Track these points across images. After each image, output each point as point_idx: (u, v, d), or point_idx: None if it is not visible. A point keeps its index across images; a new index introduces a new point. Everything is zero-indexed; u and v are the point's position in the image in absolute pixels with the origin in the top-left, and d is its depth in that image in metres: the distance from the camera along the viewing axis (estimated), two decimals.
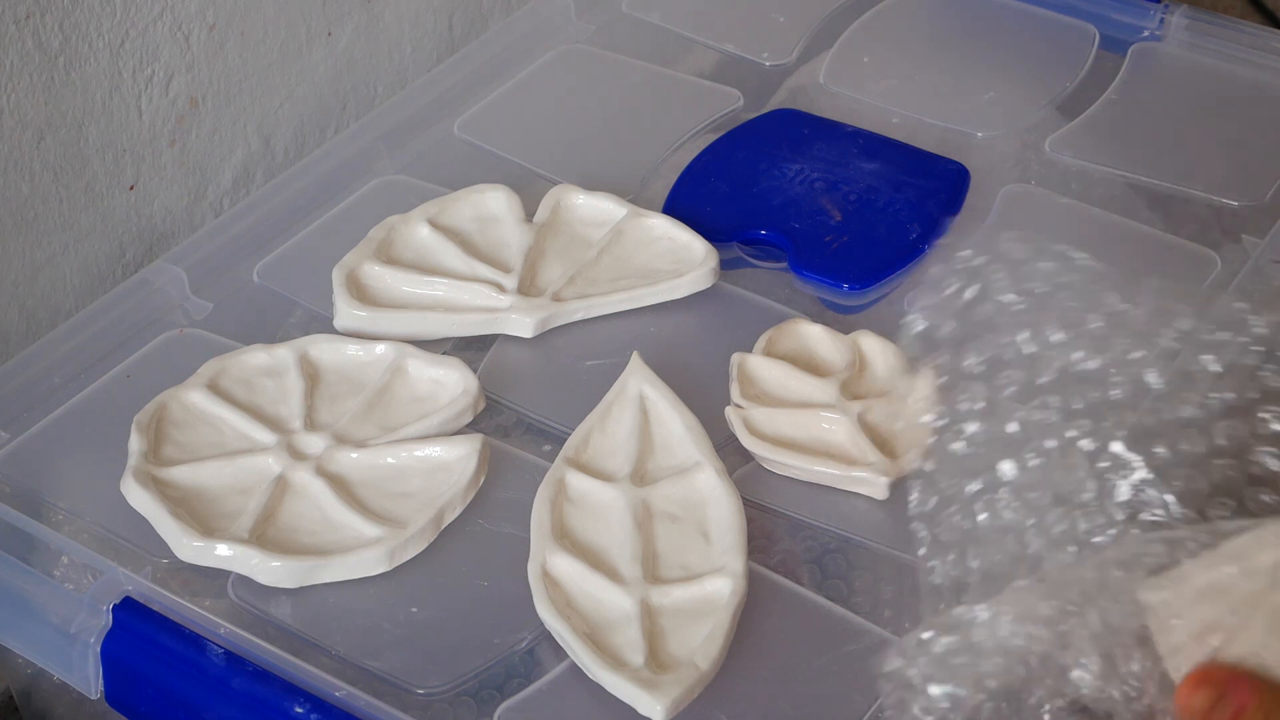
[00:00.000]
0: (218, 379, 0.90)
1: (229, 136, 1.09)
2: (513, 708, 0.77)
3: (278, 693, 0.77)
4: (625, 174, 1.06)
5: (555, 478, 0.85)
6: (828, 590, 0.83)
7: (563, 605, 0.79)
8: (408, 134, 1.09)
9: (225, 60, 1.07)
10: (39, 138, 0.96)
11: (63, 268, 1.01)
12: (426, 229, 0.99)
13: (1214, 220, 1.04)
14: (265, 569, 0.81)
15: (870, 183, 1.04)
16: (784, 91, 1.14)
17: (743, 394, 0.90)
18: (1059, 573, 0.67)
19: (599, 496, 0.84)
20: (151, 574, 0.82)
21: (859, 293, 0.98)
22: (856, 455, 0.87)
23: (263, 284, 0.99)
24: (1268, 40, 1.14)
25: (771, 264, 1.00)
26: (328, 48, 1.14)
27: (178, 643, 0.79)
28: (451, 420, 0.88)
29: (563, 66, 1.15)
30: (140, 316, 0.96)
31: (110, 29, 0.98)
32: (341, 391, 0.90)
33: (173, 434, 0.88)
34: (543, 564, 0.81)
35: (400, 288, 0.96)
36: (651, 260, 0.98)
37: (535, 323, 0.94)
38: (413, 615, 0.81)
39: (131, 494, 0.84)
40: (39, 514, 0.86)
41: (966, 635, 0.66)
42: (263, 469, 0.86)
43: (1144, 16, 1.17)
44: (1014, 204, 1.04)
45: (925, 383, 0.90)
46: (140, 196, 1.04)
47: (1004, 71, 1.15)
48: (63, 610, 0.81)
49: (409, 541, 0.83)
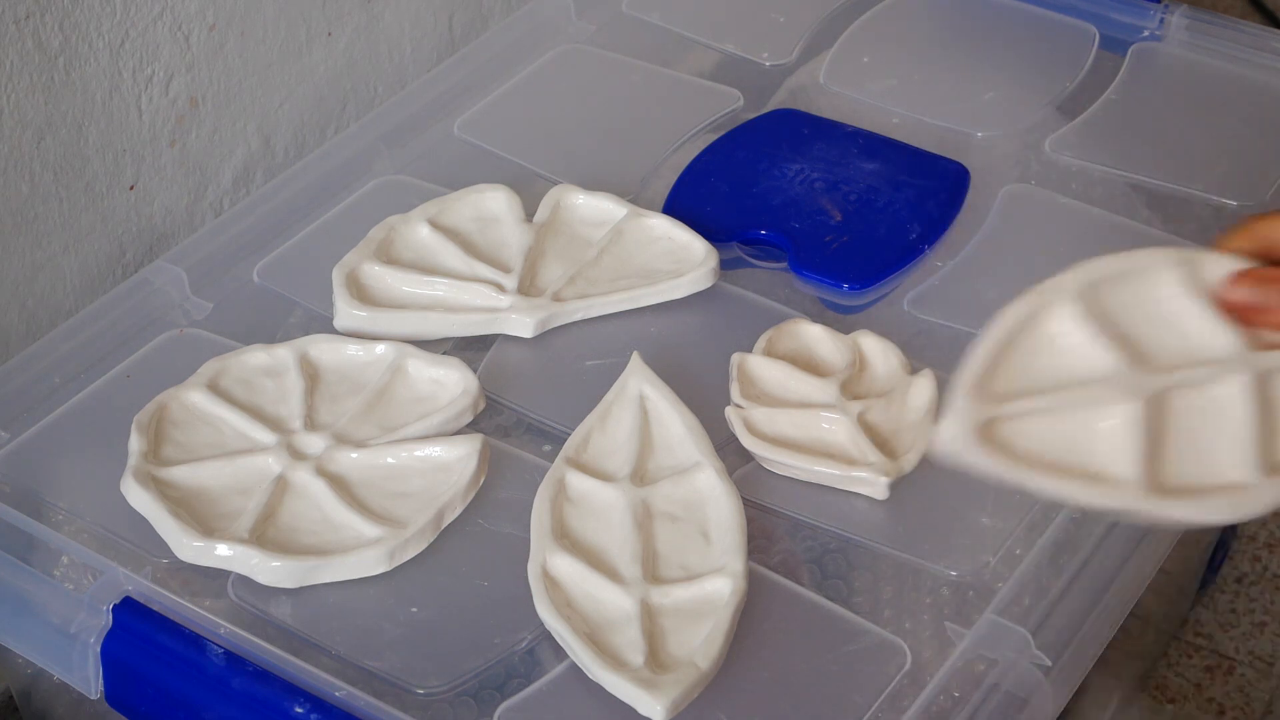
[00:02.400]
0: (218, 379, 0.90)
1: (229, 136, 1.09)
2: (513, 708, 0.77)
3: (278, 693, 0.77)
4: (625, 174, 1.06)
5: (555, 478, 0.85)
6: (828, 590, 0.83)
7: (563, 605, 0.79)
8: (408, 134, 1.09)
9: (225, 60, 1.07)
10: (39, 138, 0.96)
11: (63, 268, 1.01)
12: (426, 229, 0.99)
13: (1214, 220, 1.04)
14: (265, 569, 0.81)
15: (870, 183, 1.04)
16: (784, 91, 1.14)
17: (743, 394, 0.90)
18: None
19: (599, 496, 0.84)
20: (151, 574, 0.82)
21: (859, 293, 0.98)
22: (856, 455, 0.87)
23: (263, 284, 0.99)
24: (1268, 40, 1.14)
25: (771, 264, 1.00)
26: (328, 48, 1.14)
27: (178, 643, 0.79)
28: (451, 420, 0.88)
29: (563, 66, 1.15)
30: (140, 316, 0.96)
31: (110, 29, 0.98)
32: (341, 391, 0.90)
33: (173, 434, 0.88)
34: (543, 564, 0.81)
35: (400, 288, 0.96)
36: (651, 260, 0.98)
37: (535, 323, 0.94)
38: (413, 615, 0.81)
39: (131, 494, 0.84)
40: (39, 514, 0.86)
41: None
42: (263, 469, 0.86)
43: (1144, 16, 1.17)
44: (1014, 204, 1.04)
45: (925, 383, 0.90)
46: (140, 196, 1.04)
47: (1004, 71, 1.15)
48: (63, 610, 0.81)
49: (409, 541, 0.83)
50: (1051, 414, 0.68)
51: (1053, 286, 0.70)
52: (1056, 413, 0.68)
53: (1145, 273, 0.70)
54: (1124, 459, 0.67)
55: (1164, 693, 1.22)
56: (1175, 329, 0.69)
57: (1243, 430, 0.67)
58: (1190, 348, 0.69)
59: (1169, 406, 0.68)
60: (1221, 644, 1.25)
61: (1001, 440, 0.67)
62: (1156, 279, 0.70)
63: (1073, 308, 0.69)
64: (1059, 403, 0.68)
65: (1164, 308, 0.70)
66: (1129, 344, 0.69)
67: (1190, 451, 0.68)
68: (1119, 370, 0.68)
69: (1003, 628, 0.79)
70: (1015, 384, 0.68)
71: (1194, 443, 0.68)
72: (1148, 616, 1.16)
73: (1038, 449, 0.67)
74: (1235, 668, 1.24)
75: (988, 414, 0.67)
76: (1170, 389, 0.68)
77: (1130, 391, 0.67)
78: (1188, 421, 0.68)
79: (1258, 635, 1.26)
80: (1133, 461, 0.67)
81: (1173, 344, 0.69)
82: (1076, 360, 0.69)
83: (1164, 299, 0.70)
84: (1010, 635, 0.79)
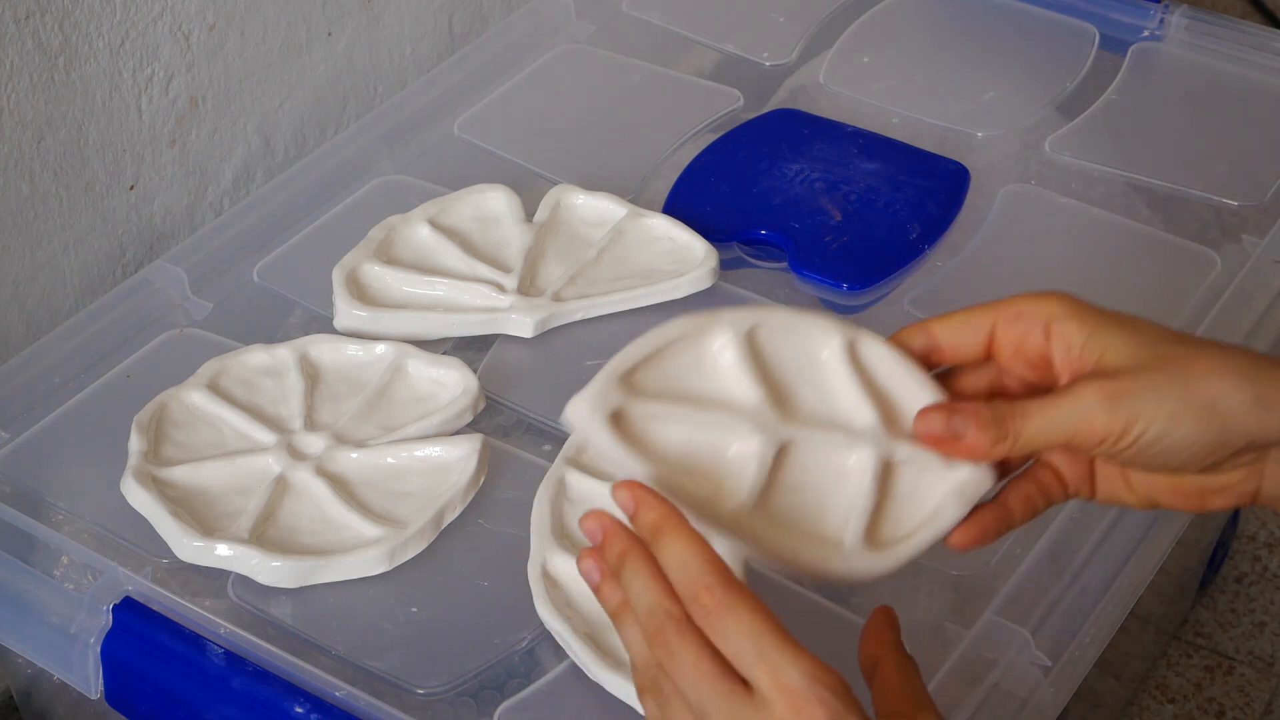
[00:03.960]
0: (218, 379, 0.90)
1: (229, 136, 1.09)
2: (513, 708, 0.77)
3: (278, 693, 0.77)
4: (625, 174, 1.06)
5: (555, 478, 0.85)
6: (827, 590, 0.83)
7: (563, 605, 0.79)
8: (408, 134, 1.09)
9: (225, 60, 1.07)
10: (39, 138, 0.96)
11: (63, 268, 1.01)
12: (426, 229, 0.99)
13: (1214, 220, 1.04)
14: (265, 569, 0.81)
15: (870, 183, 1.04)
16: (784, 91, 1.14)
17: None
18: None
19: (599, 496, 0.84)
20: (151, 574, 0.82)
21: (859, 293, 0.98)
22: None
23: (263, 284, 0.99)
24: (1268, 40, 1.14)
25: (771, 264, 1.00)
26: (328, 48, 1.14)
27: (178, 643, 0.79)
28: (451, 420, 0.88)
29: (563, 66, 1.15)
30: (140, 316, 0.96)
31: (110, 29, 0.98)
32: (341, 391, 0.90)
33: (173, 434, 0.88)
34: (543, 564, 0.81)
35: (400, 288, 0.96)
36: (651, 260, 0.98)
37: (535, 323, 0.94)
38: (413, 615, 0.81)
39: (131, 494, 0.84)
40: (39, 514, 0.86)
41: None
42: (263, 469, 0.86)
43: (1144, 16, 1.17)
44: (1014, 204, 1.04)
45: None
46: (140, 196, 1.04)
47: (1004, 71, 1.15)
48: (63, 610, 0.81)
49: (409, 541, 0.83)
50: (687, 424, 0.70)
51: (729, 315, 0.72)
52: (692, 424, 0.70)
53: (812, 332, 0.72)
54: (740, 488, 0.69)
55: (1164, 693, 1.22)
56: (823, 391, 0.71)
57: (857, 500, 0.69)
58: (831, 411, 0.71)
59: (795, 455, 0.70)
60: (1221, 644, 1.25)
61: (634, 432, 0.69)
62: (821, 341, 0.72)
63: (738, 336, 0.71)
64: (696, 418, 0.70)
65: (819, 370, 0.72)
66: (777, 387, 0.71)
67: (803, 500, 0.69)
68: (760, 408, 0.70)
69: (1003, 628, 0.79)
70: (663, 386, 0.71)
71: (809, 494, 0.70)
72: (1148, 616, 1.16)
73: (664, 451, 0.69)
74: (1235, 668, 1.24)
75: (626, 403, 0.69)
76: (800, 441, 0.70)
77: (764, 429, 0.70)
78: (808, 475, 0.70)
79: (1258, 635, 1.26)
80: (747, 492, 0.69)
81: (816, 403, 0.71)
82: (725, 385, 0.71)
83: (821, 362, 0.72)
84: (1010, 635, 0.79)
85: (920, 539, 0.69)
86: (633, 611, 0.65)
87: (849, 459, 0.70)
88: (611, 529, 0.66)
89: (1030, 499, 0.71)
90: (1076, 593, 0.81)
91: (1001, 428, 0.67)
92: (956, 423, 0.68)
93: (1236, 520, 1.28)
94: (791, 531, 0.68)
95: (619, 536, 0.66)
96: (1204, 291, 0.97)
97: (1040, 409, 0.66)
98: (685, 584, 0.64)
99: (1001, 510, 0.70)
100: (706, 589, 0.63)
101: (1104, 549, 0.83)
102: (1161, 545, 0.85)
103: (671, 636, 0.63)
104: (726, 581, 0.63)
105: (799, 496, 0.69)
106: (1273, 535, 1.32)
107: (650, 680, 0.65)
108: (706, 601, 0.63)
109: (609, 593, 0.66)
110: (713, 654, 0.63)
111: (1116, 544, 0.83)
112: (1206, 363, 0.66)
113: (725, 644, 0.63)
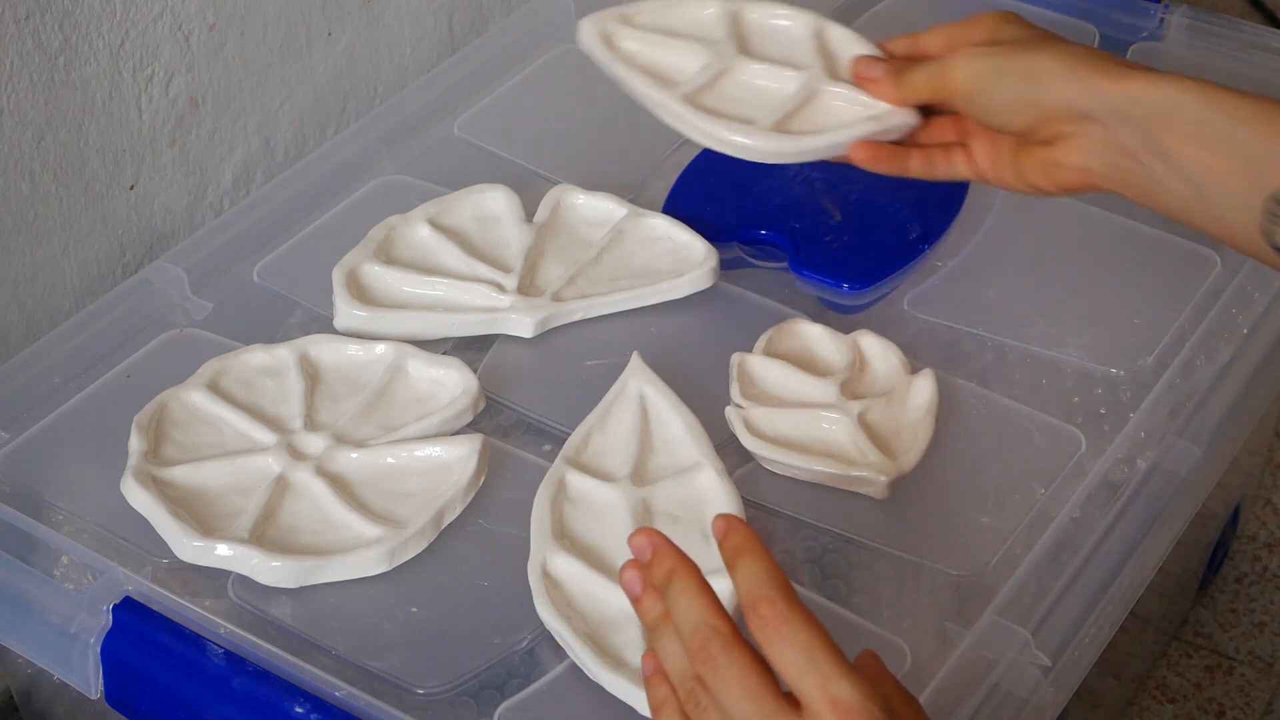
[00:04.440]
0: (218, 379, 0.90)
1: (229, 136, 1.09)
2: (513, 708, 0.77)
3: (278, 693, 0.77)
4: (625, 174, 1.06)
5: (555, 478, 0.85)
6: (828, 590, 0.83)
7: (563, 605, 0.79)
8: (408, 134, 1.09)
9: (225, 60, 1.07)
10: (39, 138, 0.96)
11: (63, 268, 1.01)
12: (426, 229, 0.99)
13: None
14: (265, 569, 0.81)
15: (870, 183, 1.04)
16: None
17: (743, 394, 0.90)
18: None
19: (599, 496, 0.84)
20: (151, 574, 0.82)
21: (859, 293, 0.98)
22: (856, 455, 0.87)
23: (263, 284, 0.99)
24: (1268, 40, 1.14)
25: (771, 264, 1.00)
26: (328, 48, 1.14)
27: (178, 643, 0.79)
28: (451, 420, 0.88)
29: (563, 66, 1.15)
30: (140, 316, 0.96)
31: (110, 29, 0.98)
32: (341, 391, 0.90)
33: (173, 434, 0.88)
34: (543, 564, 0.81)
35: (400, 288, 0.96)
36: (651, 260, 0.98)
37: (535, 323, 0.94)
38: (413, 615, 0.81)
39: (131, 494, 0.84)
40: (39, 514, 0.86)
41: None
42: (263, 469, 0.86)
43: (1144, 16, 1.16)
44: (1014, 204, 1.04)
45: (926, 383, 0.90)
46: (140, 196, 1.04)
47: None
48: (63, 610, 0.81)
49: (409, 541, 0.83)
50: (663, 48, 0.95)
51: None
52: (664, 49, 0.95)
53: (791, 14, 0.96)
54: (691, 81, 0.91)
55: (1164, 693, 1.22)
56: (779, 43, 0.94)
57: (785, 104, 0.90)
58: (785, 58, 0.93)
59: (746, 67, 0.93)
60: (1221, 644, 1.25)
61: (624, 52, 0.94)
62: (794, 18, 0.95)
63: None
64: (670, 43, 0.95)
65: (783, 33, 0.95)
66: (743, 40, 0.94)
67: (741, 96, 0.91)
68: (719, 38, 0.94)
69: (1003, 628, 0.79)
70: (655, 20, 0.95)
71: (748, 93, 0.91)
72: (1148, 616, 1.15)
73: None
74: (1235, 668, 1.24)
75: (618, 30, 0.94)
76: (745, 66, 0.93)
77: (722, 56, 0.93)
78: (755, 83, 0.92)
79: (1258, 635, 1.26)
80: (694, 85, 0.91)
81: (774, 51, 0.93)
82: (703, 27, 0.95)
83: (787, 28, 0.95)
84: (1010, 635, 0.79)
85: (831, 135, 0.88)
86: (672, 625, 0.66)
87: (790, 85, 0.91)
88: (662, 546, 0.67)
89: (930, 158, 0.88)
90: (1076, 593, 0.81)
91: (900, 76, 0.87)
92: (876, 68, 0.88)
93: (1237, 520, 1.28)
94: (726, 117, 0.88)
95: (669, 554, 0.67)
96: (1204, 291, 0.97)
97: (924, 66, 0.86)
98: (747, 594, 0.64)
99: (901, 151, 0.88)
100: (768, 600, 0.63)
101: (1104, 549, 0.83)
102: (1161, 545, 0.85)
103: (718, 651, 0.63)
104: (788, 595, 0.63)
105: (742, 93, 0.91)
106: (1273, 535, 1.32)
107: (686, 694, 0.65)
108: (766, 612, 0.63)
109: (649, 604, 0.67)
110: (760, 669, 0.63)
111: (1116, 544, 0.83)
112: (1048, 45, 0.83)
113: (779, 655, 0.62)
